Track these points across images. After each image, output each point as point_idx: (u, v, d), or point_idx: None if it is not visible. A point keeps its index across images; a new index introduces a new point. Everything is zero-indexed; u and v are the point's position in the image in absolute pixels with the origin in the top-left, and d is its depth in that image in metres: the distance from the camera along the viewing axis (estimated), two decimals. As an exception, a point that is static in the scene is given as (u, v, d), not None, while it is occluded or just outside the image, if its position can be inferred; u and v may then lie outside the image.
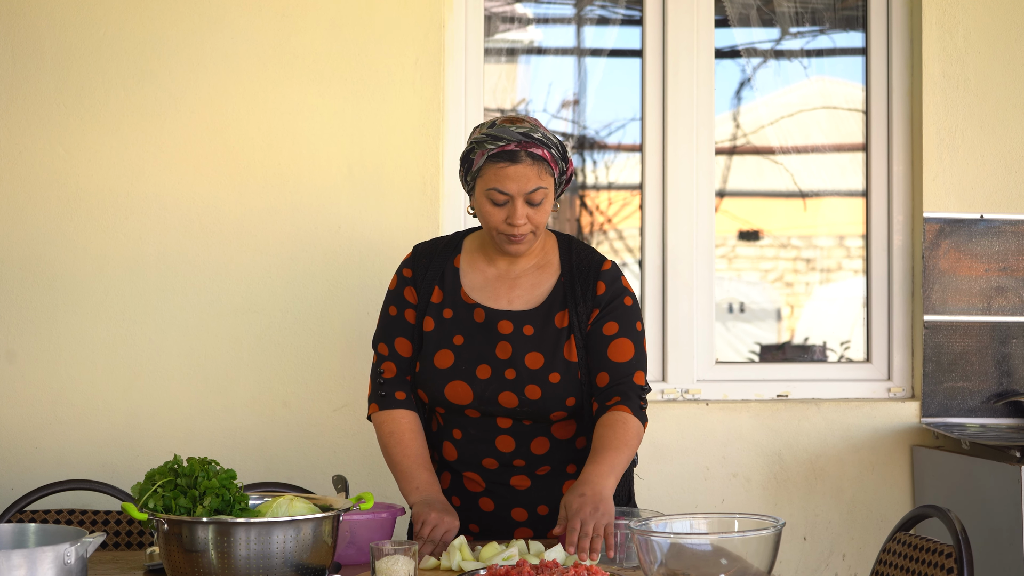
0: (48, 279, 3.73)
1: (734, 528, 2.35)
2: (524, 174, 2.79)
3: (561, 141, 2.88)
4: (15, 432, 3.73)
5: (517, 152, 2.79)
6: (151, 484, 2.46)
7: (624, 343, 2.88)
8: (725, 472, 3.97)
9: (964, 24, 4.01)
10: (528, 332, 2.88)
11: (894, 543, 2.78)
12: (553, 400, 2.86)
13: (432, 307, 2.93)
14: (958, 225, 4.00)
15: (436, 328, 2.92)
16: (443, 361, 2.89)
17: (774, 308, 4.82)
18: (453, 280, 2.95)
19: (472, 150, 2.84)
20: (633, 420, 2.82)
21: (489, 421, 2.90)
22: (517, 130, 2.80)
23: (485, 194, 2.83)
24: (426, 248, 3.02)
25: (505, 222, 2.82)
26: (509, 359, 2.87)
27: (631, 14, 4.19)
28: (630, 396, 2.85)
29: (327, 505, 2.52)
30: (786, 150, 4.28)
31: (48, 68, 3.73)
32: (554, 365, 2.86)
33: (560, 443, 2.92)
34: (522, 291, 2.93)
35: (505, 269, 2.95)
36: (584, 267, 2.93)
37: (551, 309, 2.90)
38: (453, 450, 2.95)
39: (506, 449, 2.90)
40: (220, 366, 3.78)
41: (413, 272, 2.97)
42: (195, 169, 3.78)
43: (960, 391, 4.01)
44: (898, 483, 4.02)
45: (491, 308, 2.90)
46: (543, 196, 2.82)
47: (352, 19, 3.81)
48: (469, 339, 2.89)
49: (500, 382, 2.87)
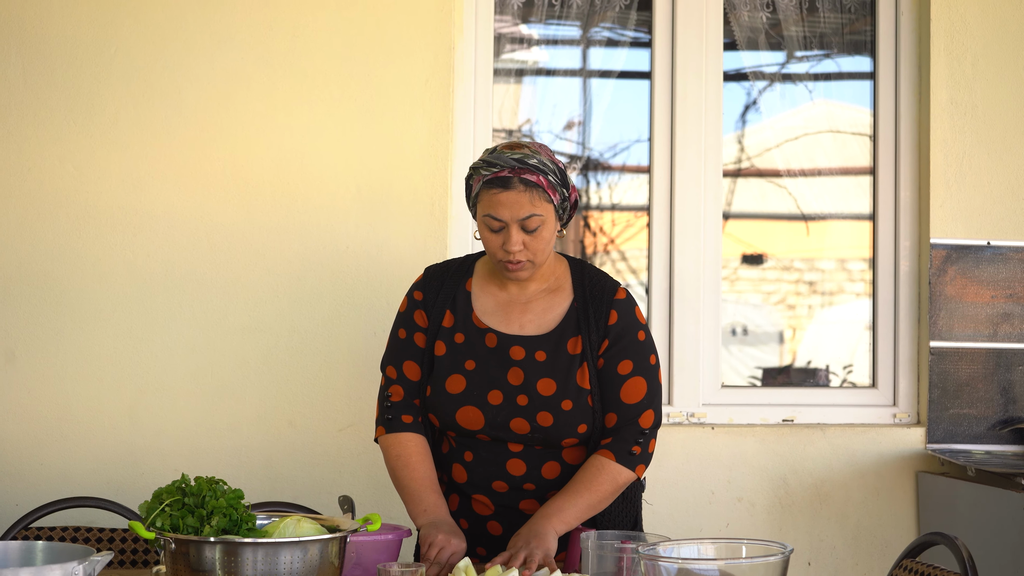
0: (56, 295, 3.74)
1: (742, 554, 2.34)
2: (516, 200, 2.78)
3: (562, 167, 2.86)
4: (20, 448, 3.73)
5: (510, 178, 2.78)
6: (159, 503, 2.45)
7: (638, 382, 2.87)
8: (730, 496, 3.97)
9: (972, 51, 4.02)
10: (540, 358, 2.87)
11: (900, 570, 2.77)
12: (565, 427, 2.85)
13: (444, 331, 2.92)
14: (965, 251, 4.01)
15: (448, 353, 2.91)
16: (455, 386, 2.88)
17: (776, 331, 4.81)
18: (465, 304, 2.94)
19: (471, 176, 2.86)
20: (611, 467, 2.83)
21: (500, 445, 2.89)
22: (512, 156, 2.78)
23: (482, 220, 2.83)
24: (438, 271, 3.01)
25: (502, 248, 2.81)
26: (521, 385, 2.86)
27: (637, 36, 4.20)
28: (624, 440, 2.85)
29: (334, 526, 2.51)
30: (792, 173, 4.29)
31: (58, 86, 3.75)
32: (567, 392, 2.85)
33: (571, 468, 2.90)
34: (534, 315, 2.92)
35: (516, 293, 2.94)
36: (597, 293, 2.92)
37: (563, 335, 2.89)
38: (463, 472, 2.93)
39: (516, 473, 2.89)
40: (226, 384, 3.78)
41: (424, 295, 2.96)
42: (204, 187, 3.79)
43: (965, 418, 4.01)
44: (903, 509, 4.01)
45: (503, 333, 2.89)
46: (539, 223, 2.80)
47: (362, 40, 3.83)
48: (481, 364, 2.88)
49: (512, 408, 2.85)
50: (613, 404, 2.87)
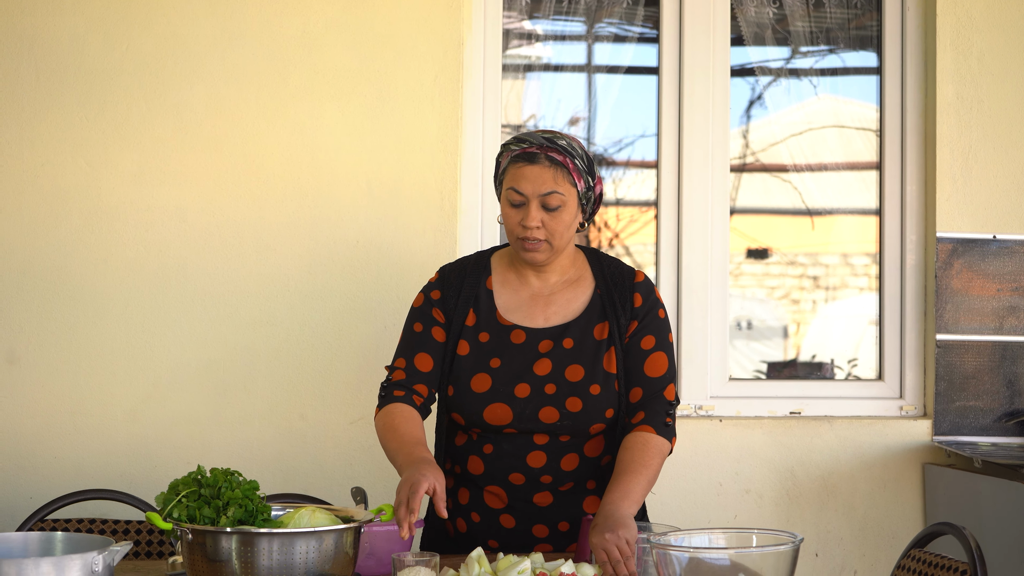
0: (68, 290, 3.77)
1: (752, 543, 2.37)
2: (540, 175, 2.81)
3: (590, 156, 2.89)
4: (34, 442, 3.75)
5: (536, 154, 2.82)
6: (175, 494, 2.48)
7: (660, 357, 2.90)
8: (738, 488, 3.99)
9: (978, 46, 4.04)
10: (568, 345, 2.88)
11: (908, 560, 2.80)
12: (594, 412, 2.86)
13: (467, 330, 2.92)
14: (971, 245, 4.03)
15: (472, 352, 2.90)
16: (480, 385, 2.87)
17: (780, 326, 4.84)
18: (488, 302, 2.94)
19: (500, 153, 2.90)
20: (655, 440, 2.83)
21: (526, 437, 2.88)
22: (542, 134, 2.85)
23: (505, 195, 2.86)
24: (454, 269, 3.00)
25: (520, 224, 2.83)
26: (548, 374, 2.87)
27: (642, 31, 4.22)
28: (657, 412, 2.86)
29: (348, 517, 2.54)
30: (799, 168, 4.31)
31: (71, 83, 3.77)
32: (594, 377, 2.86)
33: (589, 460, 2.91)
34: (558, 307, 2.93)
35: (538, 287, 2.95)
36: (617, 279, 2.95)
37: (590, 321, 2.91)
38: (480, 464, 2.92)
39: (536, 465, 2.89)
40: (238, 378, 3.80)
41: (443, 294, 2.96)
42: (215, 183, 3.81)
43: (972, 410, 4.03)
44: (909, 501, 4.04)
45: (530, 328, 2.91)
46: (559, 202, 2.82)
47: (372, 36, 3.85)
48: (507, 361, 2.88)
49: (540, 398, 2.86)
50: (638, 378, 2.89)
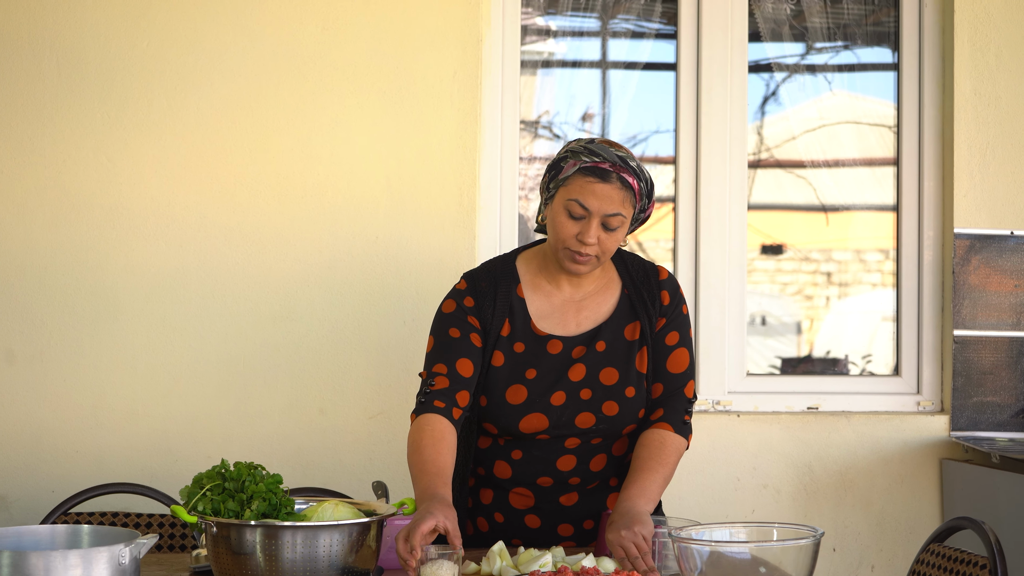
0: (91, 285, 3.79)
1: (773, 537, 2.38)
2: (609, 195, 2.75)
3: (651, 179, 2.84)
4: (55, 436, 3.78)
5: (610, 172, 2.76)
6: (199, 488, 2.50)
7: (682, 353, 2.90)
8: (755, 483, 4.00)
9: (996, 42, 4.04)
10: (600, 348, 2.87)
11: (928, 554, 2.81)
12: (629, 415, 2.85)
13: (502, 341, 2.87)
14: (988, 241, 4.04)
15: (507, 363, 2.87)
16: (516, 396, 2.84)
17: (794, 322, 4.84)
18: (521, 311, 2.89)
19: (565, 158, 2.81)
20: (672, 438, 2.83)
21: (557, 442, 2.87)
22: (616, 152, 2.78)
23: (564, 204, 2.78)
24: (482, 277, 2.93)
25: (576, 237, 2.77)
26: (583, 379, 2.85)
27: (659, 27, 4.23)
28: (676, 410, 2.86)
29: (371, 510, 2.55)
30: (816, 164, 4.31)
31: (92, 79, 3.80)
32: (628, 379, 2.86)
33: (616, 459, 2.92)
34: (589, 312, 2.91)
35: (570, 293, 2.92)
36: (643, 277, 2.94)
37: (620, 322, 2.89)
38: (508, 469, 2.90)
39: (566, 468, 2.88)
40: (258, 373, 3.83)
41: (476, 301, 2.88)
42: (235, 179, 3.83)
43: (989, 405, 4.04)
44: (927, 496, 4.04)
45: (565, 337, 2.88)
46: (619, 223, 2.78)
47: (392, 33, 3.87)
48: (542, 371, 2.85)
49: (576, 404, 2.84)
50: (660, 374, 2.88)
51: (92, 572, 2.21)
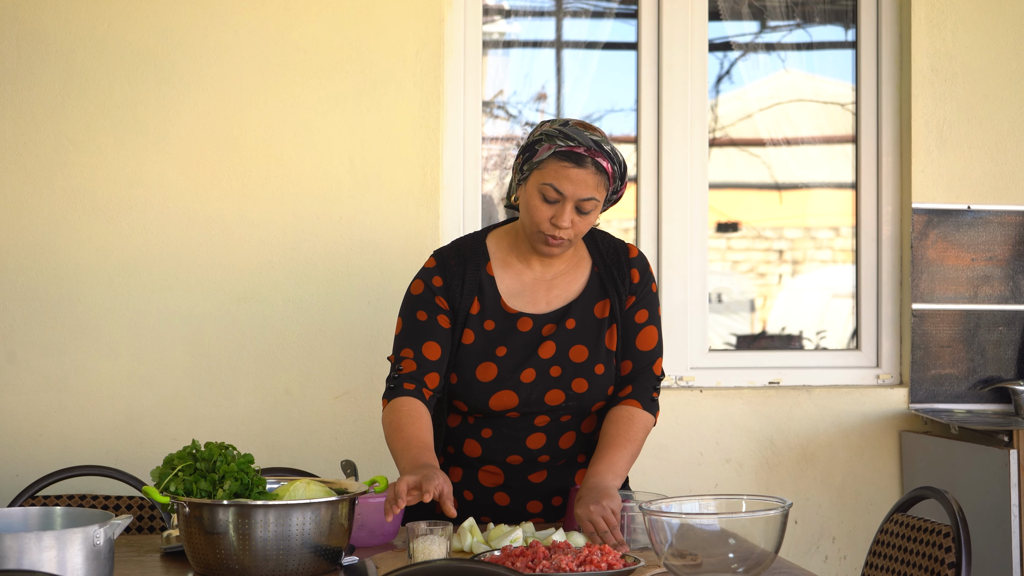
0: (52, 268, 3.77)
1: (742, 509, 2.41)
2: (584, 180, 2.75)
3: (624, 161, 2.83)
4: (19, 420, 3.76)
5: (585, 157, 2.75)
6: (171, 468, 2.50)
7: (651, 331, 2.92)
8: (718, 457, 4.05)
9: (952, 19, 4.09)
10: (570, 326, 2.87)
11: (891, 523, 2.85)
12: (598, 391, 2.87)
13: (472, 319, 2.87)
14: (946, 216, 4.09)
15: (477, 341, 2.86)
16: (486, 374, 2.84)
17: (747, 299, 4.88)
18: (491, 289, 2.89)
19: (539, 141, 2.79)
20: (640, 415, 2.86)
21: (526, 420, 2.88)
22: (590, 136, 2.76)
23: (538, 188, 2.77)
24: (451, 255, 2.92)
25: (550, 221, 2.78)
26: (553, 356, 2.86)
27: (615, 7, 4.24)
28: (645, 387, 2.88)
29: (342, 489, 2.56)
30: (776, 143, 4.35)
31: (53, 60, 3.77)
32: (598, 356, 2.86)
33: (585, 436, 2.93)
34: (559, 290, 2.91)
35: (541, 271, 2.92)
36: (613, 255, 2.94)
37: (590, 300, 2.90)
38: (477, 447, 2.90)
39: (535, 446, 2.89)
40: (223, 355, 3.82)
41: (444, 280, 2.88)
42: (198, 160, 3.82)
43: (947, 378, 4.10)
44: (887, 467, 4.10)
45: (535, 314, 2.88)
46: (592, 207, 2.78)
47: (353, 13, 3.86)
48: (512, 348, 2.86)
49: (546, 382, 2.85)
50: (629, 352, 2.90)
51: (67, 553, 2.20)
